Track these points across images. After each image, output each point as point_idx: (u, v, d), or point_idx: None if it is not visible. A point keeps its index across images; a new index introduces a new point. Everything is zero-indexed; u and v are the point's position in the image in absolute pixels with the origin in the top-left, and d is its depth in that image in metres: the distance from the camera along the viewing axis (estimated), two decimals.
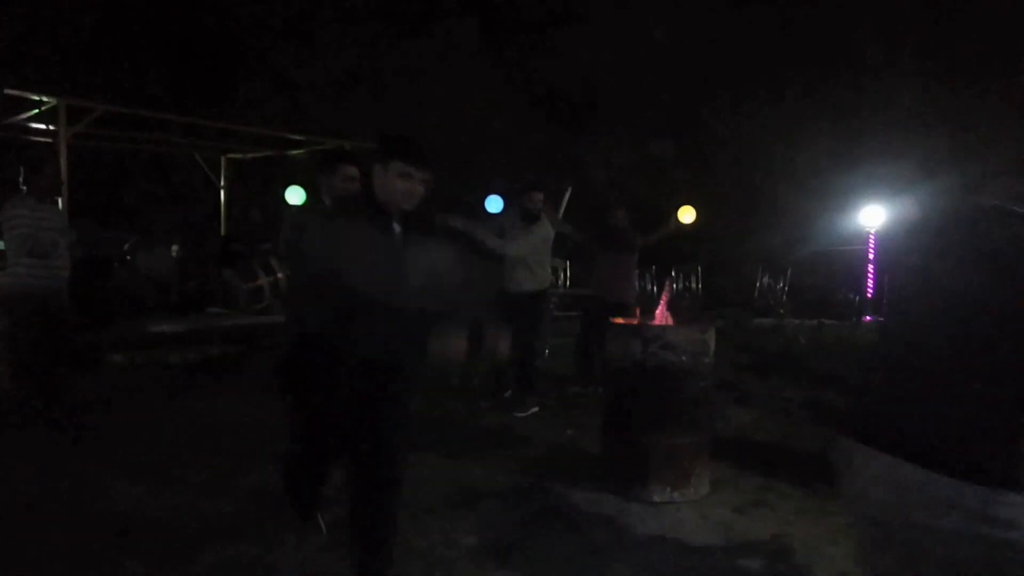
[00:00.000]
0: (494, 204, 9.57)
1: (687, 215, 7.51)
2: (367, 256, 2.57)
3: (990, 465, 1.49)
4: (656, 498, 3.97)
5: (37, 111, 7.68)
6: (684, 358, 4.02)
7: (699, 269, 12.49)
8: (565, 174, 13.34)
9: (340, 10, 15.67)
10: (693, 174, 14.46)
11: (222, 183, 10.90)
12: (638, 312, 4.88)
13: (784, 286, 11.76)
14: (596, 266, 6.91)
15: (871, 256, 12.21)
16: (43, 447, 4.73)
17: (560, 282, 10.61)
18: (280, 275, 9.14)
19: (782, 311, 10.21)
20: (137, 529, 3.51)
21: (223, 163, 10.85)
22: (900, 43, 13.26)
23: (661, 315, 4.42)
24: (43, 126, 8.01)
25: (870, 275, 12.20)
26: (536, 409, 5.87)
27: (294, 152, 10.71)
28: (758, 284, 12.32)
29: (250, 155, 10.97)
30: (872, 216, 11.88)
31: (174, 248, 9.83)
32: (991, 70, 12.14)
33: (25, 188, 5.29)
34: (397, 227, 2.70)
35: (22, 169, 5.42)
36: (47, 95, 7.48)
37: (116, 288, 7.96)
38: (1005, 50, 11.79)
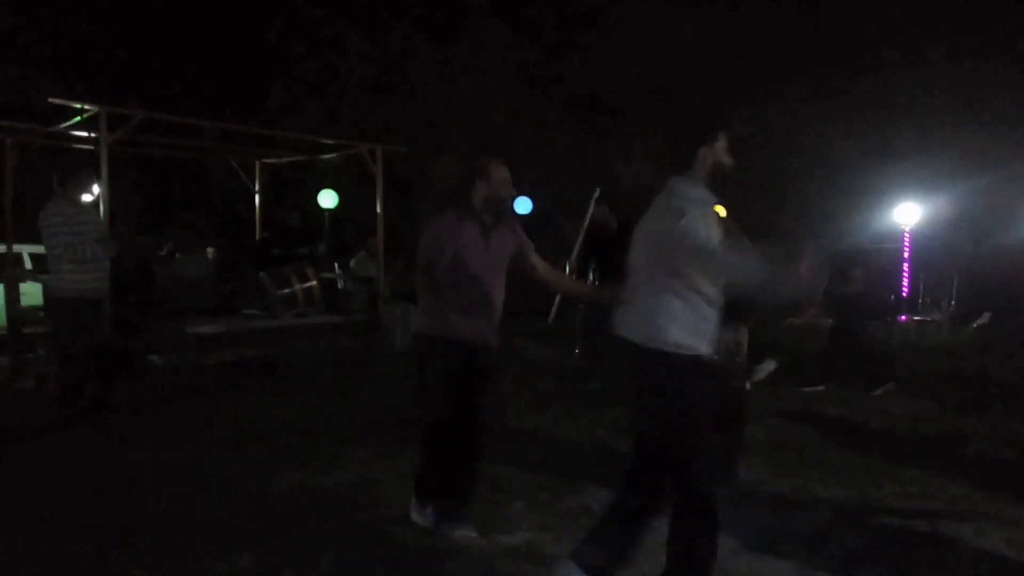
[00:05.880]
0: (523, 205, 9.65)
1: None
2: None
3: None
4: None
5: (79, 118, 7.88)
6: (716, 357, 4.00)
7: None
8: (593, 177, 13.34)
9: (371, 17, 15.87)
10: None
11: (257, 187, 11.09)
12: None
13: None
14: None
15: (906, 254, 12.00)
16: (86, 447, 4.86)
17: None
18: (315, 282, 9.21)
19: (815, 311, 10.03)
20: (172, 530, 3.57)
21: (258, 168, 11.04)
22: (932, 39, 13.06)
23: None
24: (85, 133, 8.22)
25: (905, 274, 11.98)
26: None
27: (326, 156, 10.86)
28: None
29: (284, 160, 11.15)
30: (907, 214, 11.69)
31: (210, 251, 10.01)
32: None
33: (60, 189, 5.46)
34: None
35: (58, 171, 5.60)
36: (89, 103, 7.68)
37: (154, 291, 8.13)
38: None
